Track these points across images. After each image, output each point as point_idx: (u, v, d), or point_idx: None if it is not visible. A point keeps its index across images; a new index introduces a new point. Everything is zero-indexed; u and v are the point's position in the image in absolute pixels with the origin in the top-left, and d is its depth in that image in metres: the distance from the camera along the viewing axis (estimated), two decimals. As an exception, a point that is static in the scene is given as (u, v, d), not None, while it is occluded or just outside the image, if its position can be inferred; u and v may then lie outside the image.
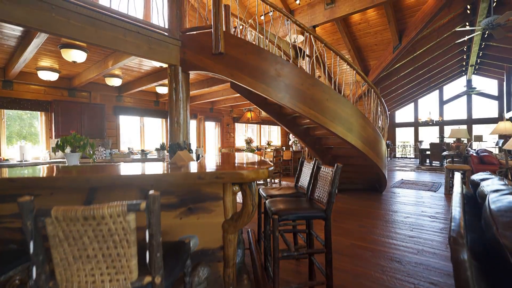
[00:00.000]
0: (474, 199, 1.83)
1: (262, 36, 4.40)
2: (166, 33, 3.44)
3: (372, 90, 4.45)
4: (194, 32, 3.47)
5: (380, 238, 3.11)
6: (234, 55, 3.31)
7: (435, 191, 5.73)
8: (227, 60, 3.31)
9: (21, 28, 2.97)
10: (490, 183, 1.52)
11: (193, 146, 8.13)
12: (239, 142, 9.33)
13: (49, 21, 2.35)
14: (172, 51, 3.38)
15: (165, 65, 3.76)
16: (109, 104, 5.87)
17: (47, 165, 2.14)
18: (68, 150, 3.55)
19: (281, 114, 4.77)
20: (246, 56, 3.32)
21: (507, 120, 10.73)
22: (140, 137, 6.49)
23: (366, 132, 4.04)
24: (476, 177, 1.98)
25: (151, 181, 1.30)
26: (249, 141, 9.19)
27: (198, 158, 2.66)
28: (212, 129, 8.46)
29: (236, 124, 9.03)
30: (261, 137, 10.29)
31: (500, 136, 12.28)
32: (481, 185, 1.60)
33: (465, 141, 7.61)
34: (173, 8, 3.44)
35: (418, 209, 4.33)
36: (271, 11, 7.36)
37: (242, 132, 9.48)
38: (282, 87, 3.38)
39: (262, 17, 7.49)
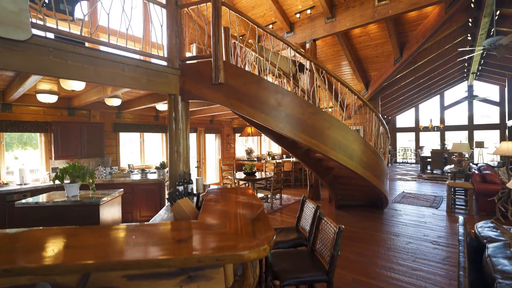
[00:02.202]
0: (479, 255, 1.79)
1: (262, 58, 4.36)
2: (165, 62, 3.40)
3: (373, 113, 4.42)
4: (194, 61, 3.44)
5: (382, 271, 3.08)
6: (234, 85, 3.27)
7: (436, 208, 5.70)
8: (227, 89, 3.28)
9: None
10: (498, 253, 1.48)
11: (193, 157, 8.11)
12: (240, 152, 9.30)
13: (47, 65, 2.32)
14: (172, 81, 3.35)
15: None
16: (109, 121, 5.85)
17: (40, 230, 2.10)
18: (67, 178, 3.53)
19: (281, 137, 4.74)
20: (246, 86, 3.29)
21: (509, 127, 10.67)
22: (140, 153, 6.47)
23: (367, 156, 4.01)
24: (480, 229, 1.94)
25: (151, 265, 1.28)
26: (249, 152, 9.17)
27: (198, 197, 2.64)
28: (212, 141, 8.43)
29: (236, 134, 9.00)
30: (262, 146, 10.26)
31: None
32: (487, 251, 1.56)
33: (467, 155, 7.57)
34: (172, 37, 3.40)
35: (420, 232, 4.30)
36: (271, 24, 7.34)
37: (243, 142, 9.45)
38: (282, 117, 3.34)
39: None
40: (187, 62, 3.46)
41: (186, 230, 1.63)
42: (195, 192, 3.38)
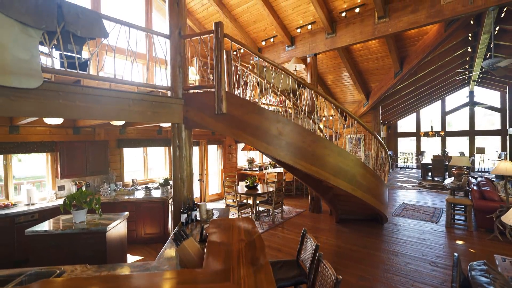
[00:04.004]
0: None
1: (263, 81, 4.44)
2: (169, 92, 3.50)
3: (373, 136, 4.50)
4: (196, 91, 3.53)
5: (380, 298, 3.17)
6: (236, 114, 3.36)
7: (436, 223, 5.77)
8: (229, 119, 3.36)
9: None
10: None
11: (195, 164, 8.19)
12: (241, 162, 9.40)
13: (57, 108, 2.42)
14: (175, 110, 3.44)
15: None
16: (113, 137, 5.95)
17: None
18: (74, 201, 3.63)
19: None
20: (247, 115, 3.37)
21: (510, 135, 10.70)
22: (143, 167, 6.57)
23: (367, 180, 4.09)
24: (474, 273, 2.02)
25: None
26: (251, 161, 9.27)
27: (202, 230, 2.73)
28: (214, 151, 8.53)
29: (238, 144, 9.09)
30: (263, 155, 10.34)
31: (503, 149, 12.26)
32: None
33: (467, 168, 7.61)
34: (175, 67, 3.49)
35: (419, 251, 4.38)
36: (272, 37, 7.41)
37: (244, 152, 9.53)
38: (283, 145, 3.43)
39: (264, 43, 7.53)
40: (190, 91, 3.55)
41: (193, 283, 1.72)
42: (198, 218, 3.48)
